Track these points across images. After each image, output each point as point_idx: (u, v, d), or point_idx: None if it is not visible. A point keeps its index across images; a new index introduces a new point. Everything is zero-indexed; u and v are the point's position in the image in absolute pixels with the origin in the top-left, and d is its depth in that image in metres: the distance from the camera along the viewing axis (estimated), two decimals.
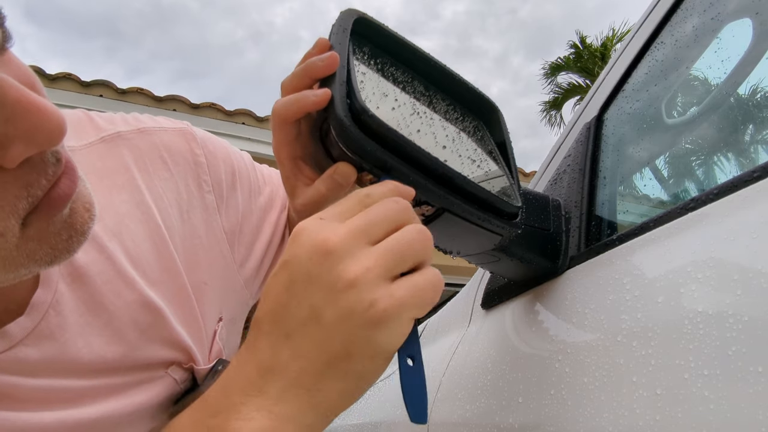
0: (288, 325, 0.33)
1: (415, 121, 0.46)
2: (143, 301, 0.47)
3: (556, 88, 12.95)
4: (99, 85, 4.53)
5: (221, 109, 4.90)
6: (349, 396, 0.34)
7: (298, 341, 0.33)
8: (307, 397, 0.32)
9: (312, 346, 0.33)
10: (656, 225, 0.42)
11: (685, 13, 0.62)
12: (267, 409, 0.32)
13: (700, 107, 0.78)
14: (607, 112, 0.66)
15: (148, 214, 0.50)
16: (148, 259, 0.49)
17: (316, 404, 0.33)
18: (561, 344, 0.47)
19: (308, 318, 0.33)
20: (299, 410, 0.32)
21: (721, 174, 0.77)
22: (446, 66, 0.51)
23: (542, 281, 0.55)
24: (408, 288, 0.33)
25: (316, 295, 0.33)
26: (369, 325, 0.32)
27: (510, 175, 0.51)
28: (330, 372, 0.33)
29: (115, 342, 0.46)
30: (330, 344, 0.32)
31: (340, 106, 0.39)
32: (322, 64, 0.40)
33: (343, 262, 0.33)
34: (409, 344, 0.35)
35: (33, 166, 0.33)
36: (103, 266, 0.46)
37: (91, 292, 0.45)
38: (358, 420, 1.12)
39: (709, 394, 0.30)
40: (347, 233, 0.34)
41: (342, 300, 0.32)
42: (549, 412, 0.44)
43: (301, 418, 0.32)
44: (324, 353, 0.33)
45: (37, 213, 0.34)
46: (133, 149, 0.52)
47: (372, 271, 0.33)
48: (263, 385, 0.33)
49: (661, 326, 0.36)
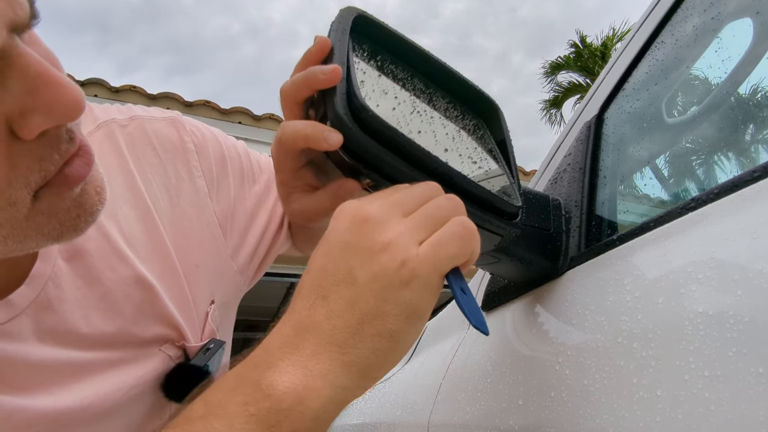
0: (324, 286, 0.35)
1: (415, 119, 0.46)
2: (136, 277, 0.50)
3: (556, 87, 12.96)
4: (93, 83, 4.57)
5: (216, 107, 4.90)
6: (383, 356, 0.34)
7: (333, 301, 0.34)
8: (339, 355, 0.33)
9: (346, 306, 0.34)
10: (656, 225, 0.42)
11: (686, 13, 0.62)
12: (301, 364, 0.33)
13: (700, 107, 0.77)
14: (608, 111, 0.66)
15: (139, 198, 0.53)
16: (139, 239, 0.52)
17: (349, 363, 0.33)
18: (561, 346, 0.46)
19: (344, 279, 0.34)
20: (331, 368, 0.33)
21: (721, 174, 0.77)
22: (446, 63, 0.51)
23: (542, 282, 0.54)
24: (431, 245, 0.35)
25: (353, 259, 0.35)
26: (401, 285, 0.34)
27: (510, 174, 0.50)
28: (363, 330, 0.34)
29: (112, 316, 0.48)
30: (363, 303, 0.34)
31: (339, 104, 0.39)
32: (325, 77, 0.40)
33: (378, 227, 0.35)
34: (457, 281, 0.37)
35: (48, 140, 0.34)
36: (99, 243, 0.48)
37: (87, 267, 0.47)
38: (358, 420, 1.12)
39: (709, 395, 0.30)
40: (383, 204, 0.36)
41: (376, 261, 0.34)
42: (549, 414, 0.44)
43: (333, 376, 0.33)
44: (357, 312, 0.34)
45: (49, 188, 0.36)
46: (126, 136, 0.55)
47: (404, 235, 0.35)
48: (299, 342, 0.34)
49: (661, 327, 0.36)
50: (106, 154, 0.53)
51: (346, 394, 0.34)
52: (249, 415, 0.32)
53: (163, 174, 0.56)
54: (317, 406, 0.32)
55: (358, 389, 0.34)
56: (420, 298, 0.34)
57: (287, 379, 0.32)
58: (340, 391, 0.33)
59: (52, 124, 0.33)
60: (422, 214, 0.36)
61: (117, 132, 0.55)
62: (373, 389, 1.17)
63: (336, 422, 1.35)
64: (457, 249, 0.36)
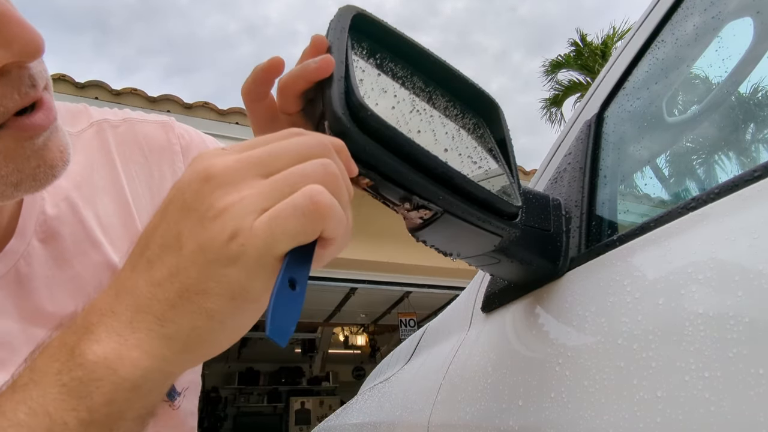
0: (151, 249, 0.31)
1: (414, 118, 0.46)
2: (108, 263, 0.52)
3: (556, 86, 12.95)
4: (93, 86, 4.59)
5: (214, 109, 4.93)
6: (205, 335, 0.30)
7: (156, 267, 0.31)
8: (157, 327, 0.30)
9: (167, 275, 0.30)
10: (657, 225, 0.42)
11: (686, 12, 0.61)
12: (117, 332, 0.30)
13: (700, 106, 0.77)
14: (608, 110, 0.66)
15: (120, 192, 0.57)
16: (116, 229, 0.55)
17: (168, 336, 0.30)
18: (561, 347, 0.46)
19: (171, 245, 0.31)
20: (148, 338, 0.30)
21: (721, 173, 0.77)
22: (446, 62, 0.50)
23: (542, 283, 0.54)
24: (268, 217, 0.30)
25: (186, 222, 0.30)
26: (227, 261, 0.29)
27: (510, 173, 0.50)
28: (182, 305, 0.30)
29: (78, 297, 0.50)
30: (185, 276, 0.30)
31: (338, 103, 0.38)
32: (315, 66, 0.39)
33: (221, 189, 0.30)
34: (294, 268, 0.31)
35: (9, 80, 0.37)
36: (75, 228, 0.52)
37: (60, 249, 0.50)
38: (358, 420, 1.12)
39: (709, 396, 0.30)
40: (236, 161, 0.31)
41: (206, 230, 0.30)
42: (549, 415, 0.44)
43: (150, 347, 0.30)
44: (177, 284, 0.30)
45: (6, 130, 0.38)
46: (116, 135, 0.59)
47: (247, 201, 0.30)
48: (116, 306, 0.31)
49: (661, 328, 0.36)
50: (94, 150, 0.57)
51: (169, 365, 0.31)
52: (61, 384, 0.29)
53: (148, 173, 0.60)
54: (134, 377, 0.29)
55: (182, 362, 0.31)
56: (248, 279, 0.30)
57: (99, 348, 0.30)
58: (160, 362, 0.30)
59: (12, 59, 0.36)
60: (282, 179, 0.31)
61: (108, 131, 0.59)
62: (373, 389, 1.16)
63: (336, 422, 1.35)
64: (298, 226, 0.30)
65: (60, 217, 0.52)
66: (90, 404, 0.29)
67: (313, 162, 0.32)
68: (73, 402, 0.29)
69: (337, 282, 5.69)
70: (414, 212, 0.42)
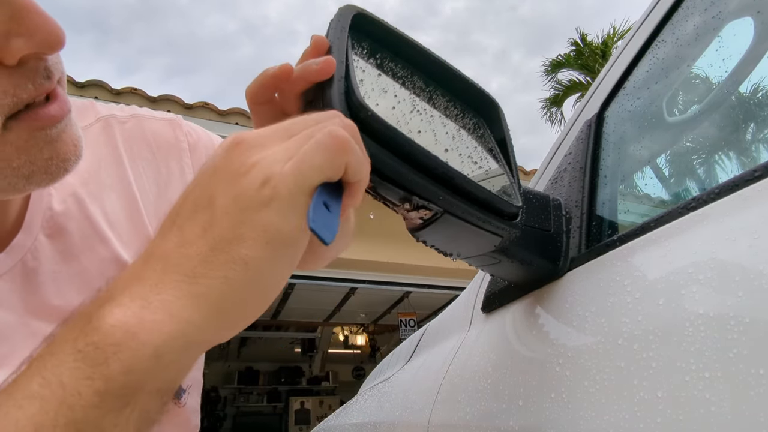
0: (182, 215, 0.31)
1: (414, 118, 0.46)
2: (114, 258, 0.53)
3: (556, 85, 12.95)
4: (93, 86, 4.61)
5: (214, 109, 4.96)
6: (237, 287, 0.29)
7: (188, 228, 0.30)
8: (187, 285, 0.29)
9: (200, 232, 0.30)
10: (657, 225, 0.42)
11: (687, 12, 0.61)
12: (142, 296, 0.29)
13: (701, 105, 0.77)
14: (608, 110, 0.66)
15: (127, 188, 0.57)
16: (122, 224, 0.55)
17: (198, 294, 0.29)
18: (562, 347, 0.46)
19: (203, 206, 0.31)
20: (176, 299, 0.28)
21: (722, 173, 0.77)
22: (446, 61, 0.50)
23: (543, 283, 0.54)
24: (294, 159, 0.31)
25: (219, 184, 0.31)
26: (260, 205, 0.29)
27: (510, 173, 0.50)
28: (215, 257, 0.29)
29: (85, 292, 0.50)
30: (218, 228, 0.30)
31: (338, 103, 0.38)
32: (317, 67, 0.40)
33: (250, 150, 0.31)
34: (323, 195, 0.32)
35: (26, 70, 0.37)
36: (82, 223, 0.52)
37: (68, 245, 0.51)
38: (358, 420, 1.12)
39: (710, 397, 0.30)
40: (267, 129, 0.33)
41: (238, 184, 0.30)
42: (549, 415, 0.44)
43: (176, 309, 0.28)
44: (210, 238, 0.29)
45: (18, 121, 0.38)
46: (123, 132, 0.59)
47: (276, 153, 0.31)
48: (143, 272, 0.30)
49: (662, 329, 0.36)
50: (101, 145, 0.57)
51: (196, 331, 0.29)
52: (77, 351, 0.27)
53: (155, 169, 0.60)
54: (157, 343, 0.27)
55: (210, 328, 0.30)
56: (282, 220, 0.30)
57: (119, 311, 0.28)
58: (186, 326, 0.28)
59: (32, 50, 0.36)
60: (304, 134, 0.32)
61: (115, 127, 0.59)
62: (373, 389, 1.16)
63: (336, 422, 1.35)
64: (322, 160, 0.31)
65: (67, 213, 0.52)
66: (106, 372, 0.27)
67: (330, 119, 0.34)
68: (89, 370, 0.27)
69: (337, 282, 5.69)
70: (414, 212, 0.42)
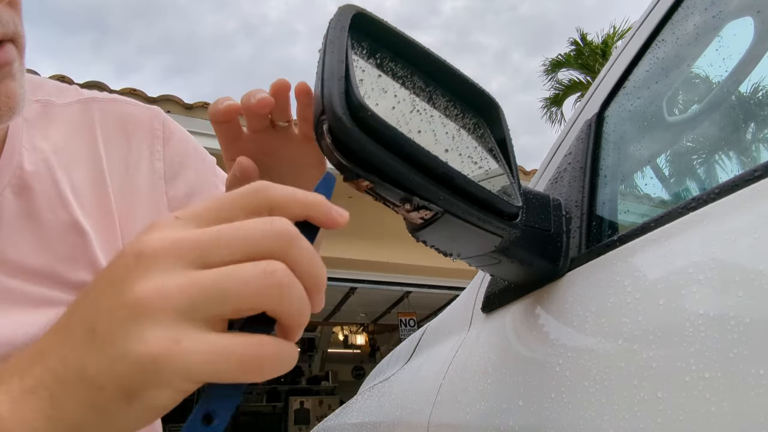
0: (74, 319, 0.28)
1: (414, 118, 0.46)
2: (74, 223, 0.56)
3: (556, 85, 12.96)
4: (92, 87, 4.62)
5: None
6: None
7: (69, 345, 0.27)
8: (47, 407, 0.26)
9: (75, 355, 0.26)
10: (657, 225, 0.42)
11: (687, 11, 0.61)
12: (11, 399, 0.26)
13: (701, 105, 0.77)
14: (608, 110, 0.66)
15: (97, 163, 0.61)
16: (86, 194, 0.59)
17: (55, 418, 0.26)
18: (562, 348, 0.46)
19: (88, 321, 0.27)
20: (36, 416, 0.26)
21: (722, 173, 0.77)
22: (446, 61, 0.50)
23: (543, 284, 0.54)
24: (210, 344, 0.25)
25: (106, 300, 0.27)
26: (136, 369, 0.25)
27: (510, 173, 0.50)
28: (78, 386, 0.26)
29: (41, 250, 0.53)
30: (89, 364, 0.26)
31: (338, 103, 0.38)
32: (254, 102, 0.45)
33: (147, 272, 0.26)
34: (214, 400, 0.25)
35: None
36: (48, 186, 0.55)
37: (31, 203, 0.54)
38: (358, 420, 1.12)
39: (710, 397, 0.30)
40: (172, 243, 0.27)
41: (117, 321, 0.26)
42: (549, 416, 0.44)
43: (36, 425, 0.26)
44: (80, 368, 0.26)
45: None
46: (102, 112, 0.64)
47: (170, 298, 0.25)
48: (27, 368, 0.27)
49: (662, 329, 0.36)
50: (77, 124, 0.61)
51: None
52: None
53: (127, 150, 0.64)
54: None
55: None
56: (150, 400, 0.26)
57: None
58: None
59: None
60: (211, 283, 0.26)
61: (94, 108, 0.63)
62: (373, 389, 1.16)
63: (335, 422, 1.35)
64: (238, 372, 0.26)
65: (36, 174, 0.55)
66: None
67: (257, 267, 0.27)
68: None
69: (337, 282, 5.69)
70: (414, 213, 0.41)
